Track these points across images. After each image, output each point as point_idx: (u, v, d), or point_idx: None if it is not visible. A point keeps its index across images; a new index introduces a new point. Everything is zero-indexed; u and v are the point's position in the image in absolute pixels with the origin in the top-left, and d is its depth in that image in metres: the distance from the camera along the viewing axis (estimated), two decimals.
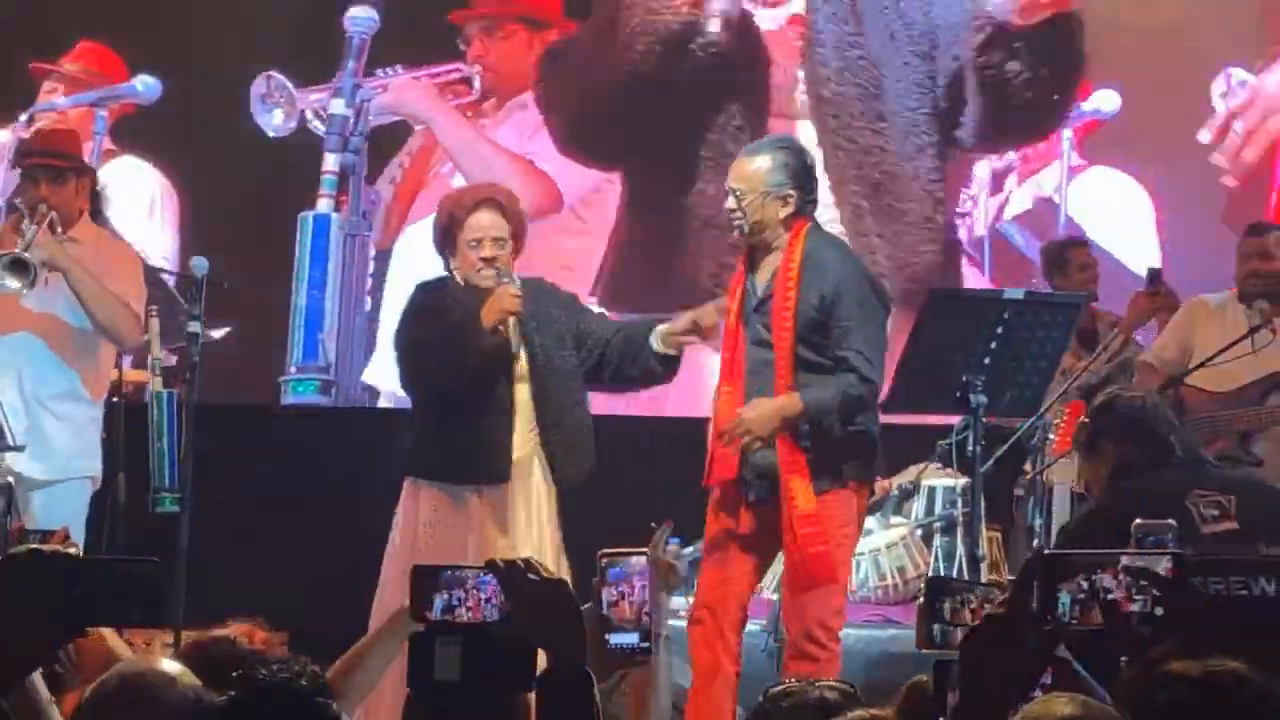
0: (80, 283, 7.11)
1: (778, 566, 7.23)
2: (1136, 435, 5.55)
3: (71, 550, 3.50)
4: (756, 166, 6.66)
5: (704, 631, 6.56)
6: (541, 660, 3.30)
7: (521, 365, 6.78)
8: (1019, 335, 6.72)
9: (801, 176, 6.65)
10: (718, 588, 6.60)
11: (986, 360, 6.67)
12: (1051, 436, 7.77)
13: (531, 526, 6.73)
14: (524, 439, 6.76)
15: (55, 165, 7.32)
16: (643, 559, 3.32)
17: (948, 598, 3.89)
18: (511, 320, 6.69)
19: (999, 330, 6.68)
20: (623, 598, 3.31)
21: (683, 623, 6.94)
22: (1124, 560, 3.12)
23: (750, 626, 6.95)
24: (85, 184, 7.42)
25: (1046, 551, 3.13)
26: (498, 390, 6.74)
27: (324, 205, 9.61)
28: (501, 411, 6.73)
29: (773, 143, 7.01)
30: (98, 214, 7.60)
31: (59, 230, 7.18)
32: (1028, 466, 8.10)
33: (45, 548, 3.36)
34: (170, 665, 3.50)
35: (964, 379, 6.65)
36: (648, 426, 9.02)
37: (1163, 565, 3.09)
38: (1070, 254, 8.63)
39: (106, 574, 3.35)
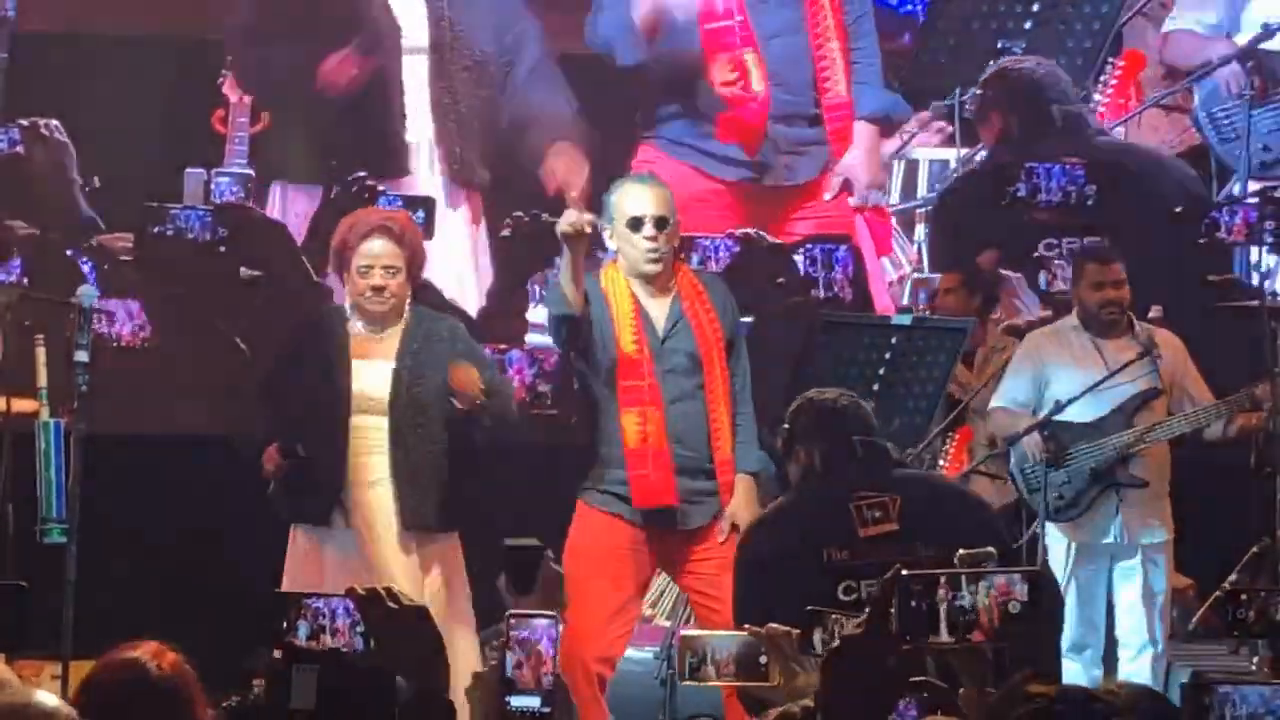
0: None
1: (670, 591, 7.27)
2: (824, 437, 5.63)
3: None
4: (669, 195, 6.75)
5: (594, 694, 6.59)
6: None
7: (383, 397, 6.75)
8: (907, 361, 6.77)
9: None
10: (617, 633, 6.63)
11: (875, 386, 6.72)
12: (941, 462, 7.82)
13: (391, 558, 6.70)
14: (382, 474, 6.75)
15: None
16: (547, 622, 3.33)
17: (819, 628, 3.95)
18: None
19: (887, 356, 6.73)
20: (527, 660, 3.31)
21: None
22: (985, 578, 3.17)
23: (640, 654, 6.95)
24: None
25: (904, 572, 3.16)
26: (331, 426, 6.75)
27: None
28: (330, 449, 6.75)
29: (658, 178, 7.10)
30: None
31: None
32: None
33: None
34: (47, 697, 3.50)
35: None
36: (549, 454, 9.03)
37: (1016, 583, 3.14)
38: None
39: None
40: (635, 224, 6.74)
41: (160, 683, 3.78)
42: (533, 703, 3.29)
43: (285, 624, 3.33)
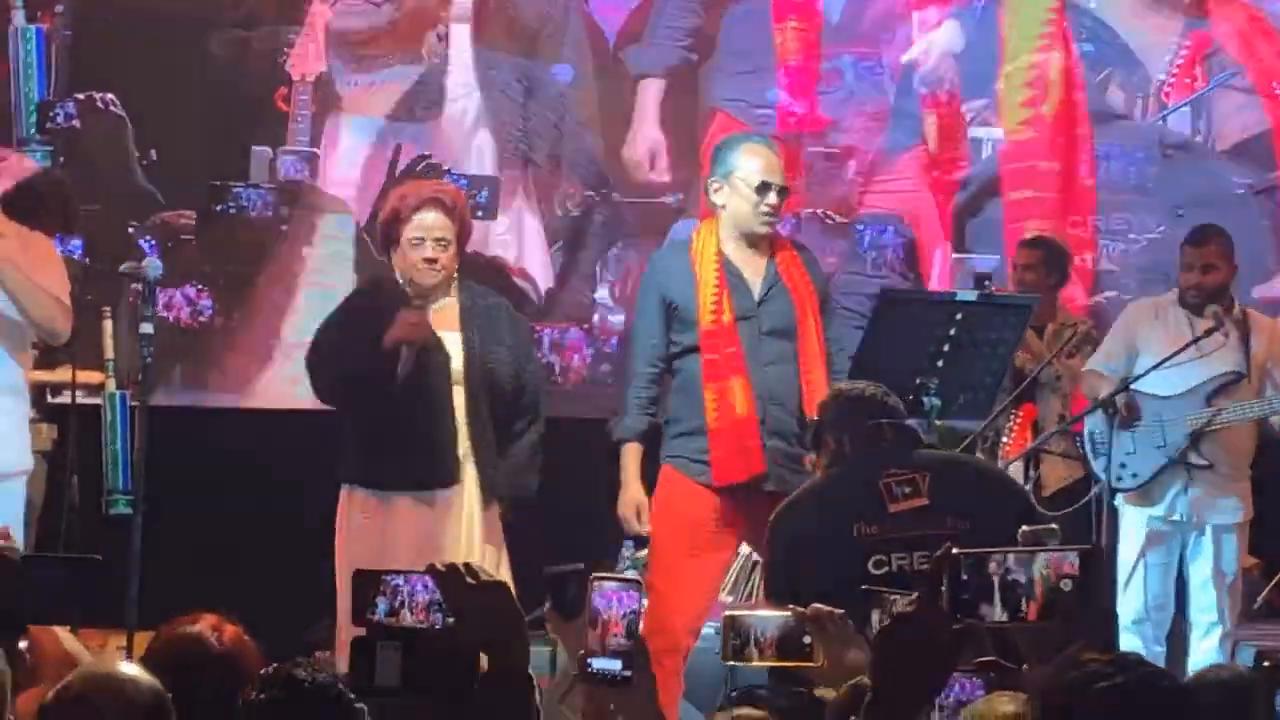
0: (13, 280, 6.91)
1: (734, 566, 7.27)
2: (851, 423, 5.64)
3: (11, 548, 3.51)
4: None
5: (680, 665, 6.62)
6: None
7: (457, 368, 6.75)
8: (971, 337, 6.72)
9: None
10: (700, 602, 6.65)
11: (940, 363, 6.68)
12: (1005, 439, 7.79)
13: (462, 533, 6.70)
14: (460, 444, 6.73)
15: None
16: (630, 585, 3.32)
17: (877, 609, 3.95)
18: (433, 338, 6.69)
19: (951, 332, 6.69)
20: (610, 622, 3.31)
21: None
22: (1037, 555, 3.18)
23: (704, 629, 6.95)
24: None
25: (955, 550, 3.15)
26: (432, 393, 6.71)
27: None
28: (435, 414, 6.70)
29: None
30: (33, 209, 7.46)
31: None
32: None
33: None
34: (129, 668, 3.53)
35: (917, 382, 6.66)
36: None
37: (1069, 559, 3.14)
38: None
39: (49, 573, 3.35)
40: (764, 188, 6.79)
41: (219, 655, 3.80)
42: (614, 665, 3.28)
43: (366, 601, 3.32)
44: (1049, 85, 9.29)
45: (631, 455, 6.85)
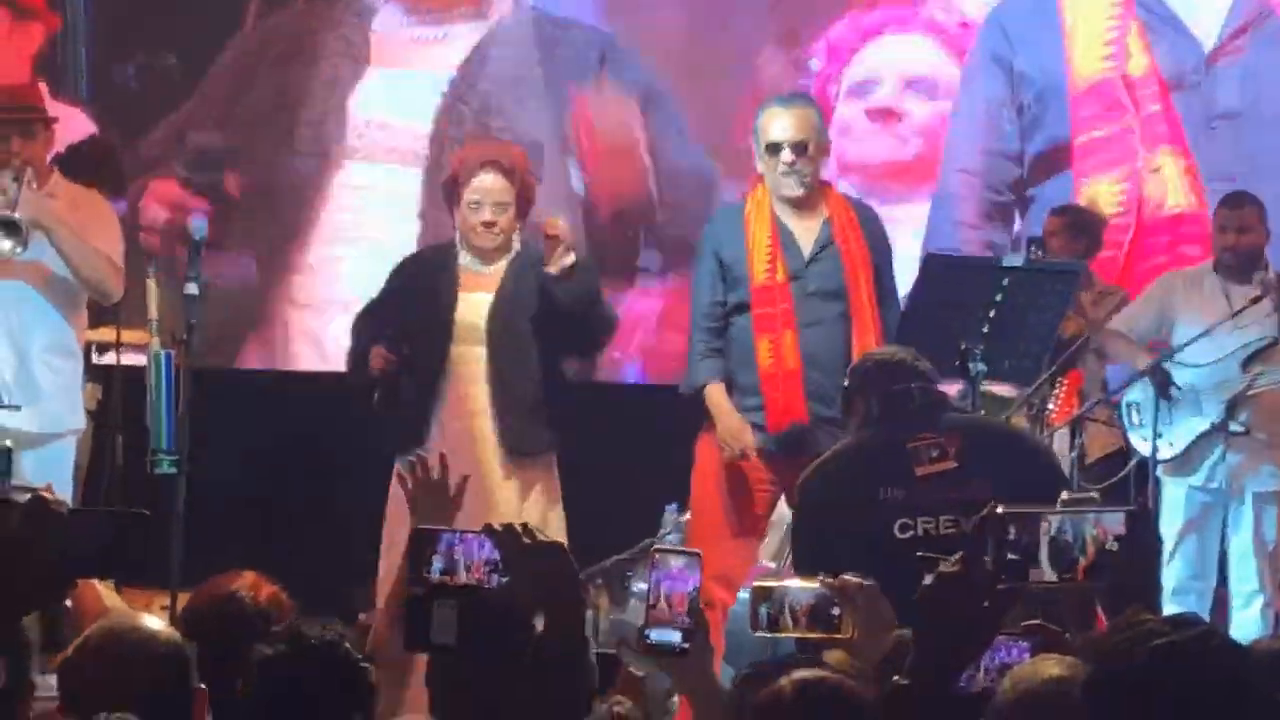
0: (65, 241, 6.94)
1: (776, 532, 7.25)
2: (881, 387, 5.62)
3: (59, 501, 3.52)
4: (815, 119, 6.77)
5: (719, 617, 6.53)
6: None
7: (481, 329, 6.75)
8: (1018, 302, 6.68)
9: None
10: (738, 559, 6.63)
11: (985, 328, 6.64)
12: (1051, 406, 7.77)
13: (493, 489, 6.69)
14: (482, 406, 6.74)
15: (23, 119, 7.07)
16: (687, 560, 3.32)
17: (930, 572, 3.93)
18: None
19: (997, 298, 6.66)
20: (669, 595, 3.30)
21: None
22: (1087, 516, 3.17)
23: (745, 594, 6.95)
24: (52, 135, 7.23)
25: (1000, 510, 3.14)
26: (434, 356, 6.73)
27: None
28: (433, 379, 6.73)
29: (806, 95, 7.12)
30: (81, 168, 7.48)
31: (34, 186, 6.98)
32: None
33: (46, 495, 3.38)
34: (150, 620, 3.53)
35: (962, 346, 6.62)
36: (646, 394, 9.03)
37: (1116, 521, 3.13)
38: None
39: (96, 527, 3.36)
40: (773, 149, 6.78)
41: (256, 613, 3.81)
42: (673, 638, 3.28)
43: (422, 559, 3.32)
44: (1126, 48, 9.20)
45: (717, 392, 6.79)
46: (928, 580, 3.12)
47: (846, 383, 5.84)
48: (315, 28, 9.74)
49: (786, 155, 6.75)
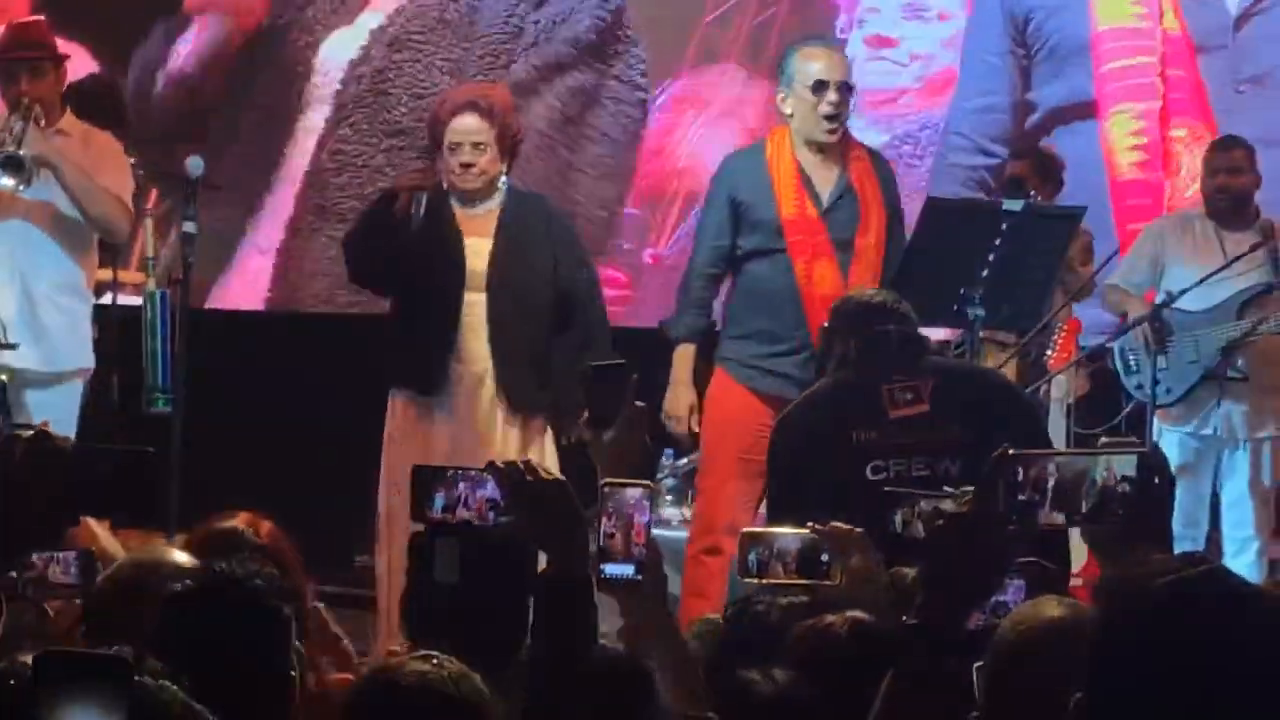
0: (71, 178, 6.90)
1: None
2: (861, 329, 5.61)
3: (63, 438, 3.51)
4: (848, 62, 6.80)
5: (724, 564, 6.49)
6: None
7: (481, 275, 6.73)
8: (1017, 247, 6.65)
9: None
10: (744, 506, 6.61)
11: (984, 273, 6.62)
12: (1049, 351, 7.75)
13: (496, 442, 6.68)
14: (483, 353, 6.73)
15: (32, 57, 7.05)
16: (640, 491, 3.31)
17: (898, 509, 3.94)
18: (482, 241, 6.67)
19: (996, 242, 6.62)
20: (620, 529, 3.30)
21: (680, 534, 6.97)
22: (1097, 458, 3.17)
23: None
24: (63, 74, 7.19)
25: (1011, 451, 3.13)
26: (448, 298, 6.71)
27: None
28: (449, 322, 6.70)
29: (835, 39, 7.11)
30: (87, 106, 7.44)
31: (43, 124, 6.96)
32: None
33: (49, 431, 3.37)
34: (180, 555, 3.53)
35: (961, 291, 6.60)
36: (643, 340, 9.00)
37: (1127, 463, 3.13)
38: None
39: (102, 463, 3.35)
40: (820, 87, 6.72)
41: (259, 547, 3.80)
42: (627, 570, 3.28)
43: (424, 496, 3.31)
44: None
45: (685, 356, 6.84)
46: (939, 522, 3.11)
47: (826, 323, 5.82)
48: None
49: (833, 95, 6.71)
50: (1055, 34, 9.19)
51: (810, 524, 3.88)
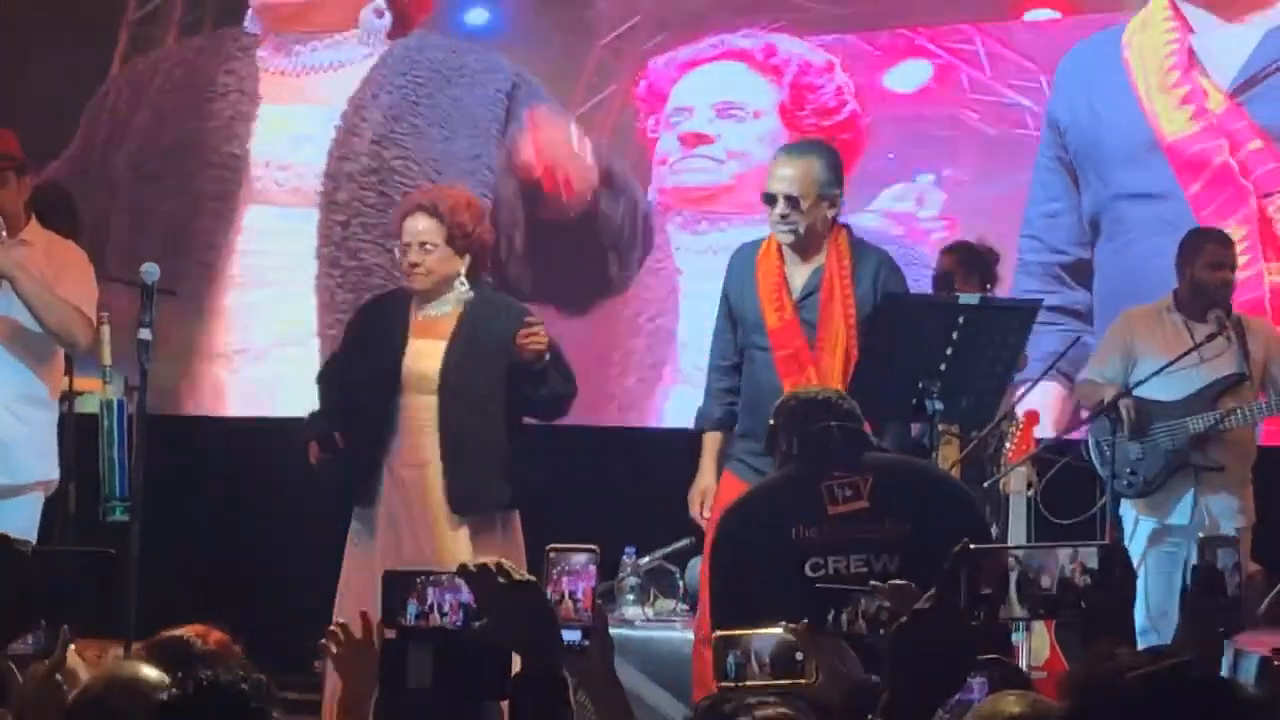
0: (29, 289, 6.87)
1: None
2: (804, 425, 5.64)
3: (23, 540, 3.48)
4: (817, 169, 6.80)
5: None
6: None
7: (431, 379, 6.75)
8: (975, 341, 6.67)
9: (841, 178, 6.88)
10: None
11: (942, 366, 6.63)
12: (1007, 445, 7.76)
13: (440, 540, 6.68)
14: (431, 455, 6.73)
15: None
16: (586, 556, 3.33)
17: (842, 607, 3.94)
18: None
19: (954, 335, 6.64)
20: (571, 592, 3.32)
21: (643, 633, 6.94)
22: (1058, 551, 3.17)
23: None
24: (26, 183, 7.13)
25: (972, 546, 3.13)
26: (376, 404, 6.76)
27: None
28: (381, 427, 6.75)
29: (817, 144, 7.12)
30: (45, 215, 7.40)
31: (3, 235, 6.92)
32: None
33: (9, 535, 3.34)
34: (150, 671, 3.50)
35: (919, 385, 6.61)
36: (600, 439, 9.00)
37: (1089, 556, 3.14)
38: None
39: (60, 567, 3.32)
40: (769, 199, 6.85)
41: (202, 655, 3.78)
42: (575, 635, 3.30)
43: (396, 602, 3.29)
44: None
45: (708, 443, 6.96)
46: (904, 619, 3.10)
47: (770, 420, 5.83)
48: (201, 65, 9.79)
49: (780, 207, 6.81)
50: (1075, 144, 9.19)
51: (784, 624, 3.89)
